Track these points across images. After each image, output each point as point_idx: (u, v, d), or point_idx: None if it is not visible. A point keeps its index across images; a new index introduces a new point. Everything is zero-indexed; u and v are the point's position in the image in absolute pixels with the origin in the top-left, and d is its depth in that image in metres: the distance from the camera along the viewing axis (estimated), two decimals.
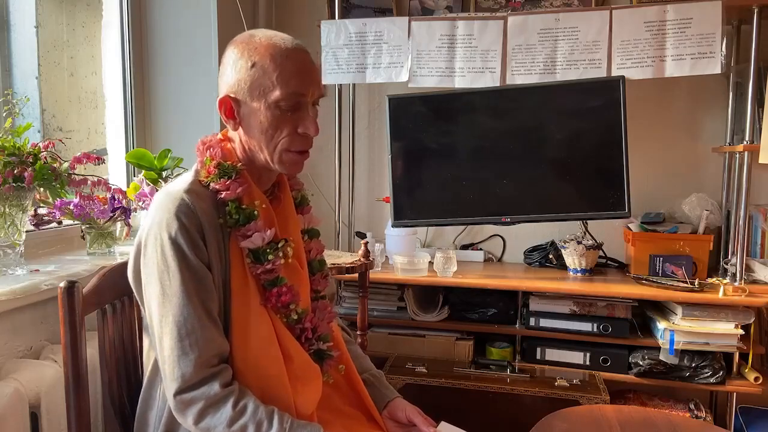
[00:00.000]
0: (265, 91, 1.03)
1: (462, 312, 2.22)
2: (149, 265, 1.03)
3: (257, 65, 1.03)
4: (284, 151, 1.07)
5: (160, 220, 1.02)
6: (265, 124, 1.05)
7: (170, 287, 1.00)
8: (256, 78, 1.03)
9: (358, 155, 2.62)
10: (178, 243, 1.00)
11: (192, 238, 1.01)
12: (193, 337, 0.99)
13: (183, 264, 1.00)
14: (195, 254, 1.01)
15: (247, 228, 1.06)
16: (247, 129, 1.08)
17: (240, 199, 1.07)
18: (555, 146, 2.13)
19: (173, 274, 1.00)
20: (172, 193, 1.04)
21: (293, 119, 1.05)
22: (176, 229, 1.00)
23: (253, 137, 1.07)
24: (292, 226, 1.20)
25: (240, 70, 1.04)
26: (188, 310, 1.00)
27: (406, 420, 1.24)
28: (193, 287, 1.01)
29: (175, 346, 0.99)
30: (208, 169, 1.08)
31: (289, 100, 1.04)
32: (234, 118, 1.07)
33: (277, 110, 1.04)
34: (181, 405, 1.00)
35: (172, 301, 1.00)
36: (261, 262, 1.08)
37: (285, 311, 1.11)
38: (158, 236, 1.01)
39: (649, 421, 1.38)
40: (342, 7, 2.37)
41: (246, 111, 1.06)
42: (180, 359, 0.99)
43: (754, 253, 2.19)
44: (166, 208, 1.02)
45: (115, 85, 2.20)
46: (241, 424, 0.99)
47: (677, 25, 2.00)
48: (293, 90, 1.03)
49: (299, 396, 1.08)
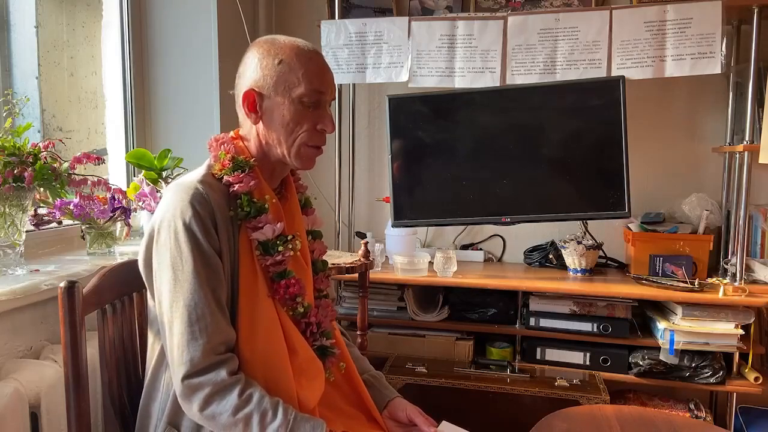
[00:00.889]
0: (290, 87, 1.08)
1: (462, 312, 2.22)
2: (162, 252, 1.04)
3: (284, 62, 1.09)
4: (303, 145, 1.11)
5: (174, 207, 1.04)
6: (288, 118, 1.09)
7: (182, 273, 1.02)
8: (282, 74, 1.08)
9: (358, 155, 2.62)
10: (192, 230, 1.02)
11: (205, 226, 1.03)
12: (203, 322, 1.01)
13: (196, 250, 1.02)
14: (208, 241, 1.03)
15: (258, 220, 1.09)
16: (268, 122, 1.11)
17: (251, 192, 1.10)
18: (555, 146, 2.13)
19: (186, 260, 1.02)
20: (186, 183, 1.07)
21: (313, 116, 1.11)
22: (191, 216, 1.02)
23: (273, 130, 1.11)
24: (299, 224, 1.23)
25: (266, 66, 1.09)
26: (199, 296, 1.01)
27: (406, 420, 1.24)
28: (204, 274, 1.02)
29: (185, 330, 1.00)
30: (222, 162, 1.11)
31: (312, 96, 1.09)
32: (256, 111, 1.11)
33: (300, 105, 1.09)
34: (188, 390, 1.00)
35: (184, 287, 1.01)
36: (270, 254, 1.10)
37: (292, 304, 1.13)
38: (172, 223, 1.03)
39: (649, 421, 1.38)
40: (342, 7, 2.37)
41: (269, 105, 1.10)
42: (189, 344, 1.00)
43: (754, 253, 2.19)
44: (180, 196, 1.04)
45: (115, 85, 2.20)
46: (246, 412, 1.00)
47: (677, 25, 2.00)
48: (316, 87, 1.09)
49: (303, 390, 1.09)
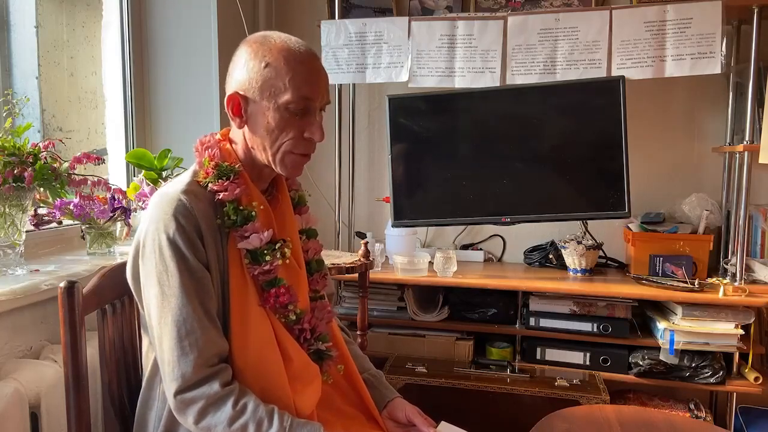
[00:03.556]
0: (276, 93, 1.04)
1: (462, 312, 2.22)
2: (148, 266, 1.03)
3: (270, 66, 1.04)
4: (287, 152, 1.07)
5: (157, 221, 1.02)
6: (272, 125, 1.05)
7: (169, 288, 1.00)
8: (268, 78, 1.04)
9: (358, 155, 2.62)
10: (177, 244, 1.00)
11: (190, 239, 1.01)
12: (192, 337, 0.99)
13: (182, 264, 1.00)
14: (193, 255, 1.01)
15: (244, 229, 1.07)
16: (252, 127, 1.08)
17: (238, 199, 1.07)
18: (555, 146, 2.13)
19: (172, 275, 1.00)
20: (170, 194, 1.04)
21: (300, 123, 1.06)
22: (174, 229, 1.01)
23: (258, 136, 1.07)
24: (290, 226, 1.20)
25: (252, 68, 1.05)
26: (188, 311, 1.00)
27: (405, 420, 1.23)
28: (192, 287, 1.01)
29: (175, 346, 0.99)
30: (206, 170, 1.08)
31: (299, 104, 1.04)
32: (240, 115, 1.07)
33: (286, 113, 1.05)
34: (181, 405, 0.99)
35: (171, 302, 1.00)
36: (259, 263, 1.08)
37: (283, 312, 1.11)
38: (156, 237, 1.01)
39: (649, 421, 1.38)
40: (342, 7, 2.37)
41: (254, 110, 1.06)
42: (180, 359, 0.99)
43: (754, 253, 2.19)
44: (163, 209, 1.02)
45: (115, 85, 2.20)
46: (241, 422, 0.99)
47: (677, 25, 2.00)
48: (303, 95, 1.04)
49: (299, 396, 1.08)
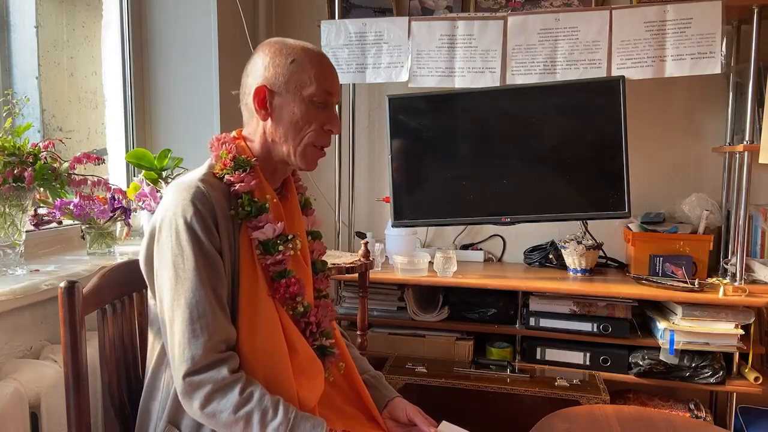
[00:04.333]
0: (302, 86, 1.11)
1: (462, 312, 2.22)
2: (163, 250, 1.04)
3: (296, 62, 1.11)
4: (309, 145, 1.13)
5: (175, 206, 1.04)
6: (297, 116, 1.11)
7: (184, 270, 1.02)
8: (294, 72, 1.11)
9: (358, 155, 2.62)
10: (193, 228, 1.02)
11: (207, 224, 1.04)
12: (204, 320, 1.01)
13: (197, 248, 1.02)
14: (209, 240, 1.04)
15: (258, 219, 1.10)
16: (277, 120, 1.12)
17: (252, 192, 1.10)
18: (555, 146, 2.13)
19: (187, 258, 1.02)
20: (187, 181, 1.07)
21: (321, 116, 1.13)
22: (192, 214, 1.03)
23: (281, 127, 1.12)
24: (299, 225, 1.23)
25: (279, 64, 1.11)
26: (200, 294, 1.01)
27: (406, 419, 1.24)
28: (206, 272, 1.03)
29: (186, 328, 1.00)
30: (223, 162, 1.11)
31: (321, 96, 1.12)
32: (266, 108, 1.12)
33: (311, 104, 1.11)
34: (189, 388, 1.00)
35: (185, 285, 1.02)
36: (271, 253, 1.11)
37: (292, 303, 1.13)
38: (173, 221, 1.03)
39: (649, 421, 1.38)
40: (342, 7, 2.37)
41: (279, 102, 1.11)
42: (191, 341, 1.00)
43: (754, 253, 2.19)
44: (181, 195, 1.05)
45: (115, 85, 2.20)
46: (246, 410, 1.00)
47: (677, 25, 2.00)
48: (326, 88, 1.12)
49: (303, 389, 1.10)
